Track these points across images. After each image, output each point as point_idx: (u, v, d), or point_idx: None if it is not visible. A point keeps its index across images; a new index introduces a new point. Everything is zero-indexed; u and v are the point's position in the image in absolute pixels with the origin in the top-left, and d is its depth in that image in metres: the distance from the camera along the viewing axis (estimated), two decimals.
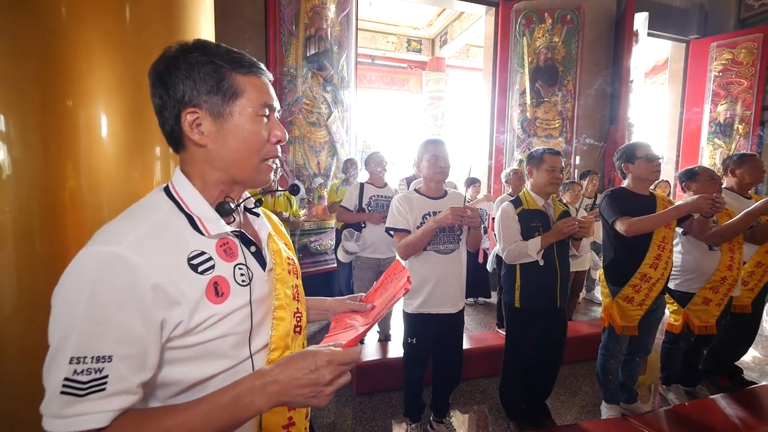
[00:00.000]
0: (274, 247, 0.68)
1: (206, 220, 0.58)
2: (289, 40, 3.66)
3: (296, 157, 3.76)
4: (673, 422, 1.75)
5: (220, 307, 0.55)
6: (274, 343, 0.62)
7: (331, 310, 0.81)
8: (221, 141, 0.58)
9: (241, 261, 0.60)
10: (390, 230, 1.71)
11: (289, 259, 0.71)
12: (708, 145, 5.36)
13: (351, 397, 2.25)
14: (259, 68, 0.60)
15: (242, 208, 0.69)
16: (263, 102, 0.59)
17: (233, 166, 0.60)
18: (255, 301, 0.60)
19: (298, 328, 0.68)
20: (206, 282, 0.55)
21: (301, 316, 0.70)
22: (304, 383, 0.50)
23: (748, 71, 5.05)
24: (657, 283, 1.89)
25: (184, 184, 0.60)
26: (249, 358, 0.60)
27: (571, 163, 4.50)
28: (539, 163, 1.84)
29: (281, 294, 0.65)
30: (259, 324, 0.61)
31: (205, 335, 0.55)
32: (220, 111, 0.57)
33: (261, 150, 0.60)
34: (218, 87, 0.57)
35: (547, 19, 4.41)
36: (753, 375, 2.56)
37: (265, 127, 0.60)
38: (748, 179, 2.28)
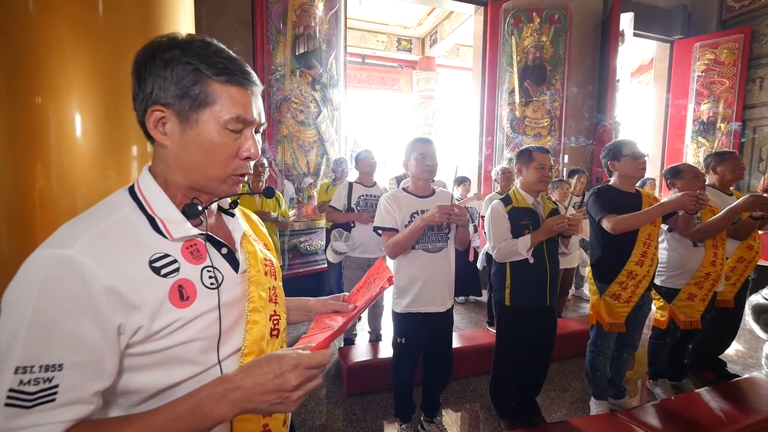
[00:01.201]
0: (249, 248, 0.66)
1: (169, 222, 0.56)
2: (276, 38, 3.62)
3: (285, 157, 3.72)
4: (660, 416, 1.77)
5: (184, 312, 0.53)
6: (248, 348, 0.60)
7: (313, 310, 0.79)
8: (183, 146, 0.56)
9: (209, 263, 0.58)
10: (378, 229, 1.69)
11: (266, 260, 0.69)
12: (692, 144, 5.47)
13: (341, 399, 2.23)
14: (243, 78, 0.57)
15: (215, 208, 0.67)
16: (236, 116, 0.55)
17: (193, 173, 0.57)
18: (225, 305, 0.58)
19: (275, 332, 0.66)
20: (169, 285, 0.53)
21: (279, 319, 0.68)
22: (268, 389, 0.48)
23: (730, 71, 5.17)
24: (643, 280, 1.91)
25: (150, 184, 0.58)
26: (217, 364, 0.57)
27: (560, 161, 4.54)
28: (528, 161, 1.84)
29: (255, 296, 0.62)
30: (231, 328, 0.59)
31: (168, 341, 0.52)
32: (187, 116, 0.54)
33: (226, 164, 0.57)
34: (188, 91, 0.54)
35: (535, 18, 4.44)
36: (736, 368, 2.62)
37: (233, 140, 0.57)
38: (730, 176, 2.32)
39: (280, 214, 2.67)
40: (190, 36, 0.56)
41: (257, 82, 0.60)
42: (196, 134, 0.55)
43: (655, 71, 6.00)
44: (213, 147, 0.55)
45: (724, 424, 1.72)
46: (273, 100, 3.60)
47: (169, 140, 0.55)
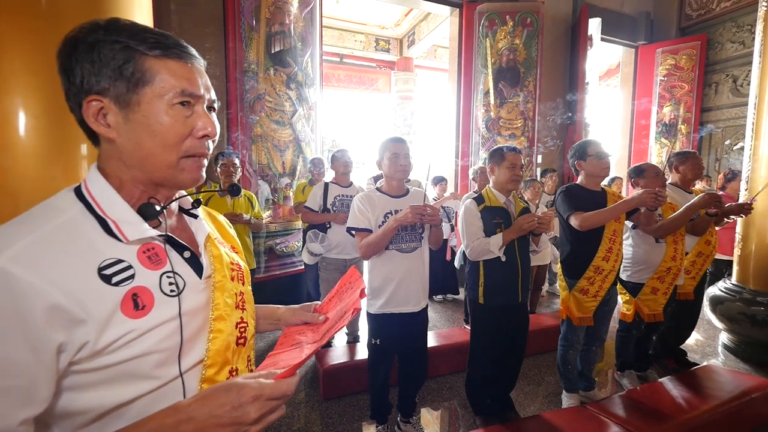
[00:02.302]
0: (214, 252, 0.61)
1: (124, 223, 0.51)
2: (249, 35, 3.52)
3: (260, 157, 3.63)
4: (627, 407, 1.84)
5: (139, 322, 0.49)
6: (211, 359, 0.55)
7: (283, 320, 0.76)
8: (129, 134, 0.51)
9: (170, 268, 0.54)
10: (351, 230, 1.67)
11: (233, 264, 0.65)
12: (656, 144, 5.75)
13: (318, 403, 2.19)
14: (180, 50, 0.53)
15: (176, 208, 0.63)
16: (181, 89, 0.51)
17: (146, 163, 0.53)
18: (187, 313, 0.54)
19: (241, 340, 0.61)
20: (122, 294, 0.48)
21: (246, 327, 0.63)
22: (224, 422, 0.44)
23: (689, 76, 5.47)
24: (609, 275, 1.98)
25: (99, 183, 0.53)
26: (179, 377, 0.53)
27: (533, 161, 4.66)
28: (500, 161, 1.87)
29: (220, 303, 0.58)
30: (194, 337, 0.55)
31: (120, 355, 0.47)
32: (126, 100, 0.50)
33: (178, 145, 0.53)
34: (121, 71, 0.49)
35: (509, 21, 4.54)
36: (696, 357, 2.76)
37: (184, 118, 0.53)
38: (690, 175, 2.44)
39: (253, 215, 2.59)
40: (113, 18, 0.52)
41: (197, 56, 0.56)
42: (141, 118, 0.50)
43: (621, 75, 6.27)
44: (163, 128, 0.51)
45: (684, 411, 1.81)
46: (246, 99, 3.51)
47: (114, 132, 0.51)
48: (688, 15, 5.65)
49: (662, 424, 1.71)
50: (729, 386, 2.00)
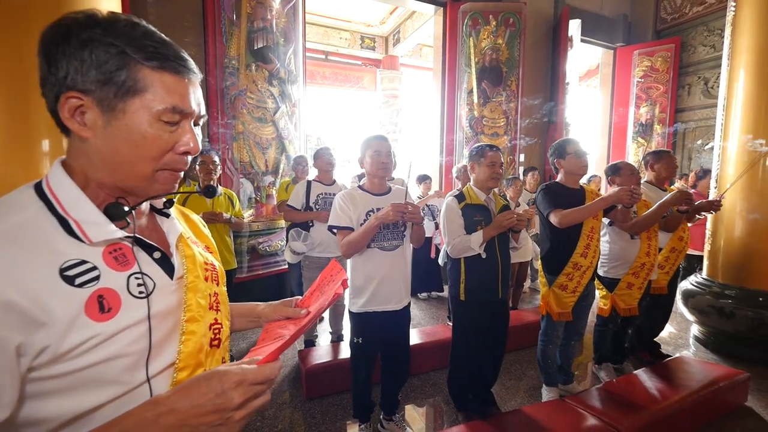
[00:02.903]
0: (187, 252, 0.60)
1: (87, 224, 0.49)
2: (230, 29, 3.45)
3: (242, 154, 3.56)
4: (603, 399, 1.89)
5: (105, 326, 0.46)
6: (183, 361, 0.54)
7: (263, 317, 0.74)
8: (107, 139, 0.49)
9: (138, 270, 0.52)
10: (333, 228, 1.66)
11: (207, 265, 0.63)
12: (633, 143, 5.92)
13: (300, 403, 2.17)
14: (178, 63, 0.51)
15: (146, 207, 0.60)
16: (171, 106, 0.50)
17: (119, 170, 0.51)
18: (157, 315, 0.52)
19: (215, 342, 0.60)
20: (86, 296, 0.46)
21: (221, 328, 0.62)
22: (208, 410, 0.43)
23: (664, 77, 5.66)
24: (587, 271, 2.02)
25: (63, 180, 0.50)
26: (146, 382, 0.51)
27: (515, 160, 4.73)
28: (480, 159, 1.89)
29: (193, 304, 0.56)
30: (164, 340, 0.53)
31: (85, 360, 0.45)
32: (112, 105, 0.48)
33: (158, 158, 0.51)
34: (112, 77, 0.47)
35: (492, 21, 4.58)
36: (669, 348, 2.87)
37: (169, 133, 0.51)
38: (664, 173, 2.52)
39: (233, 214, 2.54)
40: (112, 14, 0.49)
41: (195, 70, 0.54)
42: (123, 126, 0.48)
43: (600, 76, 6.44)
44: (144, 141, 0.49)
45: (657, 401, 1.87)
46: (227, 95, 3.44)
47: (90, 132, 0.48)
48: (663, 18, 5.84)
49: (636, 414, 1.76)
50: (699, 376, 2.08)
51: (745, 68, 2.71)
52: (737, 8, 2.78)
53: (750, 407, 2.14)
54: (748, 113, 2.69)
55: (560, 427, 1.68)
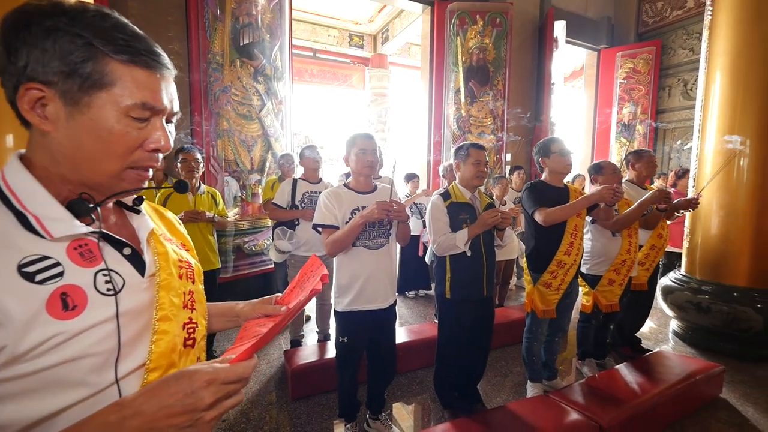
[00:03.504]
0: (159, 249, 0.58)
1: (48, 219, 0.47)
2: (214, 24, 3.37)
3: (226, 152, 3.50)
4: (586, 394, 1.93)
5: (69, 324, 0.44)
6: (154, 362, 0.52)
7: (242, 316, 0.72)
8: (70, 133, 0.47)
9: (105, 266, 0.49)
10: (317, 227, 1.64)
11: (182, 262, 0.61)
12: (616, 143, 6.06)
13: (286, 404, 2.15)
14: (150, 58, 0.49)
15: (112, 204, 0.58)
16: (141, 102, 0.48)
17: (83, 166, 0.48)
18: (126, 313, 0.50)
19: (190, 341, 0.58)
20: (47, 293, 0.44)
21: (196, 327, 0.60)
22: (177, 411, 0.41)
23: (645, 79, 5.80)
24: (571, 269, 2.05)
25: (20, 174, 0.48)
26: (114, 384, 0.49)
27: (502, 159, 4.78)
28: (465, 157, 1.89)
29: (165, 303, 0.55)
30: (134, 340, 0.51)
31: (46, 360, 0.43)
32: (76, 98, 0.46)
33: (126, 156, 0.49)
34: (76, 69, 0.45)
35: (479, 21, 4.61)
36: (649, 343, 2.94)
37: (137, 130, 0.49)
38: (645, 172, 2.58)
39: (217, 213, 2.49)
40: (80, 3, 0.46)
41: (169, 65, 0.52)
42: (88, 120, 0.46)
43: (585, 77, 6.56)
44: (111, 137, 0.47)
45: (637, 395, 1.91)
46: (211, 91, 3.37)
47: (51, 126, 0.46)
48: (645, 21, 5.98)
49: (617, 408, 1.80)
50: (677, 370, 2.14)
51: (722, 71, 2.79)
52: (714, 13, 2.86)
53: (725, 399, 2.21)
54: (724, 114, 2.77)
55: (544, 422, 1.70)
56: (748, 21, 2.65)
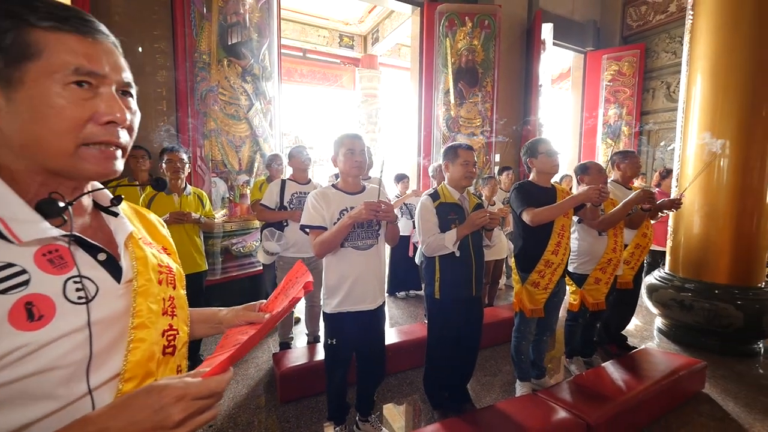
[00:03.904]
0: (137, 253, 0.55)
1: (15, 221, 0.44)
2: (200, 23, 3.32)
3: (213, 153, 3.44)
4: (573, 392, 1.95)
5: (35, 335, 0.42)
6: (130, 371, 0.50)
7: (224, 322, 0.70)
8: (13, 117, 0.44)
9: (77, 273, 0.47)
10: (305, 228, 1.62)
11: (162, 267, 0.59)
12: (602, 144, 6.17)
13: (274, 407, 2.12)
14: (81, 23, 0.46)
15: (90, 205, 0.55)
16: (75, 67, 0.44)
17: (35, 151, 0.46)
18: (100, 322, 0.47)
19: (170, 349, 0.56)
20: (10, 303, 0.41)
21: (176, 334, 0.58)
22: (144, 428, 0.40)
23: (630, 81, 5.92)
24: (558, 268, 2.08)
25: None
26: (87, 395, 0.46)
27: (491, 159, 4.82)
28: (454, 158, 1.90)
29: (143, 310, 0.52)
30: (108, 349, 0.49)
31: (11, 373, 0.41)
32: (7, 77, 0.43)
33: (74, 131, 0.46)
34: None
35: (468, 22, 4.64)
36: (635, 341, 2.99)
37: (82, 101, 0.46)
38: (629, 172, 2.63)
39: (203, 214, 2.44)
40: None
41: (106, 32, 0.49)
42: (26, 99, 0.43)
43: (572, 79, 6.66)
44: (53, 111, 0.44)
45: (623, 392, 1.94)
46: (198, 90, 3.31)
47: None
48: (629, 25, 6.11)
49: (604, 405, 1.83)
50: (661, 367, 2.19)
51: (702, 74, 2.86)
52: (695, 18, 2.93)
53: (707, 394, 2.26)
54: (705, 116, 2.84)
55: (532, 421, 1.71)
56: (728, 26, 2.72)
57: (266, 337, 3.05)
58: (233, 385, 2.34)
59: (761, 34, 2.63)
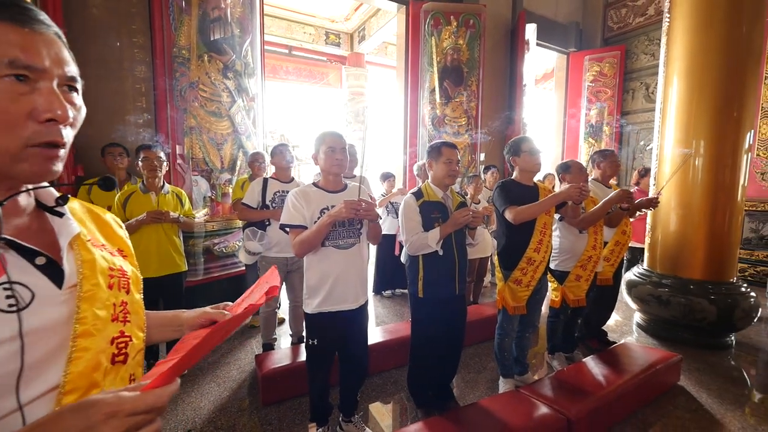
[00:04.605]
0: (84, 256, 0.52)
1: None
2: (179, 17, 3.23)
3: (194, 150, 3.36)
4: (555, 387, 1.98)
5: None
6: (71, 383, 0.46)
7: (187, 324, 0.67)
8: None
9: (6, 279, 0.44)
10: (285, 227, 1.59)
11: (113, 270, 0.55)
12: (585, 143, 6.29)
13: (256, 410, 2.08)
14: (16, 11, 0.43)
15: (31, 204, 0.52)
16: (8, 59, 0.41)
17: None
18: (34, 331, 0.44)
19: (120, 357, 0.53)
20: None
21: (129, 341, 0.54)
22: None
23: (611, 82, 6.06)
24: (540, 265, 2.10)
25: None
26: (17, 411, 0.43)
27: (476, 158, 4.85)
28: (437, 156, 1.89)
29: (88, 316, 0.49)
30: (45, 360, 0.45)
31: None
32: None
33: (15, 129, 0.43)
34: None
35: (453, 21, 4.66)
36: (615, 336, 3.06)
37: (17, 95, 0.42)
38: (609, 171, 2.69)
39: (182, 213, 2.38)
40: None
41: (47, 22, 0.45)
42: None
43: (555, 79, 6.77)
44: None
45: (602, 386, 1.98)
46: (177, 87, 3.22)
47: None
48: (610, 27, 6.24)
49: (584, 400, 1.86)
50: (639, 361, 2.24)
51: (678, 75, 2.94)
52: (671, 20, 3.01)
53: (682, 386, 2.33)
54: (681, 116, 2.92)
55: (514, 417, 1.72)
56: (702, 27, 2.80)
57: (249, 339, 3.00)
58: (215, 388, 2.29)
59: (732, 35, 2.72)
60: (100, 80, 3.05)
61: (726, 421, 1.99)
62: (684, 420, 2.01)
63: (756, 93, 2.85)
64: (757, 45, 2.77)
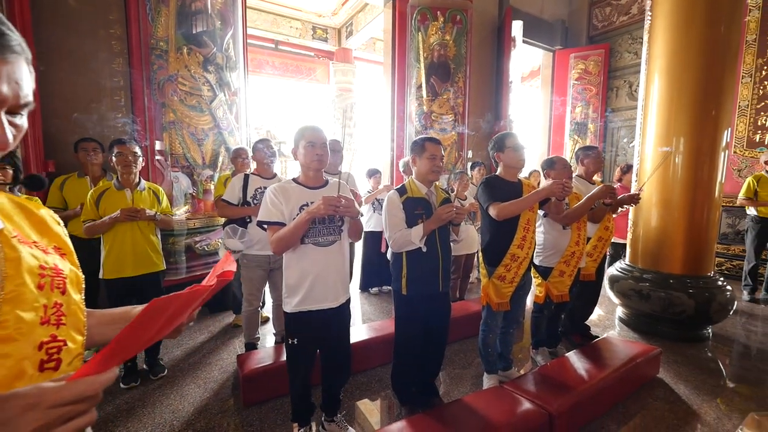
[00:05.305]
0: (8, 254, 0.48)
1: None
2: (156, 7, 3.12)
3: (174, 146, 3.26)
4: (538, 383, 1.99)
5: None
6: None
7: None
8: None
9: None
10: (263, 224, 1.55)
11: (45, 269, 0.51)
12: (570, 140, 6.36)
13: (237, 411, 2.03)
14: None
15: None
16: None
17: None
18: None
19: (51, 363, 0.49)
20: None
21: (62, 346, 0.51)
22: None
23: (596, 80, 6.13)
24: (524, 262, 2.10)
25: None
26: None
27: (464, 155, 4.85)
28: (421, 152, 1.87)
29: (9, 320, 0.45)
30: None
31: None
32: None
33: None
34: None
35: (439, 17, 4.63)
36: (598, 330, 3.11)
37: None
38: (592, 168, 2.71)
39: (160, 211, 2.30)
40: None
41: (17, 50, 0.43)
42: None
43: (541, 76, 6.82)
44: None
45: (584, 381, 2.00)
46: (154, 80, 3.12)
47: None
48: (595, 25, 6.31)
49: (566, 394, 1.87)
50: (621, 354, 2.27)
51: (659, 72, 2.98)
52: (653, 18, 3.04)
53: (661, 378, 2.37)
54: (662, 113, 2.97)
55: (497, 413, 1.72)
56: (683, 26, 2.84)
57: (233, 338, 2.94)
58: (195, 389, 2.23)
59: (711, 35, 2.76)
60: (75, 73, 2.92)
61: (702, 412, 2.04)
62: (663, 411, 2.05)
63: (733, 91, 2.91)
64: (735, 45, 2.83)
